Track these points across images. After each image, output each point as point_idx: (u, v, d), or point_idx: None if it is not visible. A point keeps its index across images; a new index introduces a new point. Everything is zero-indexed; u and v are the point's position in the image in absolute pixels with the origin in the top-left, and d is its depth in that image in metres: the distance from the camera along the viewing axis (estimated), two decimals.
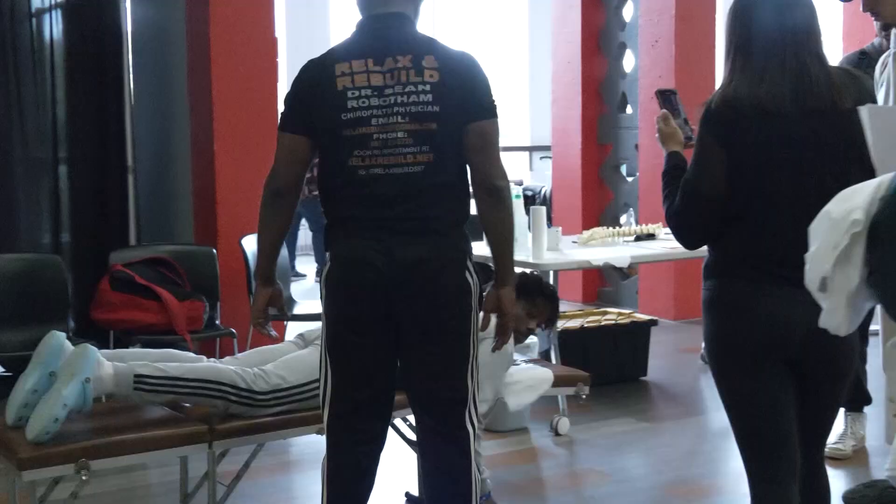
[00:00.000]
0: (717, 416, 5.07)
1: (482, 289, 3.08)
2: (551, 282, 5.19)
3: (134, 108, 6.10)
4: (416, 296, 2.92)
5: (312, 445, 4.50)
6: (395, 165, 2.91)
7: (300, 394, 3.57)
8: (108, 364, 3.38)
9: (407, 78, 2.91)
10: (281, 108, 3.13)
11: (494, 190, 2.99)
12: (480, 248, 3.86)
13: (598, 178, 8.74)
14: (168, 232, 6.47)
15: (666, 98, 3.03)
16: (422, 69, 2.92)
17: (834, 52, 7.94)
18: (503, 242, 3.07)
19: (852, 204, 1.60)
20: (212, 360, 3.78)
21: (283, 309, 3.28)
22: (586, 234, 5.96)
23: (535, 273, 4.77)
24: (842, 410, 3.20)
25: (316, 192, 11.04)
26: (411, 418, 3.50)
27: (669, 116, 2.93)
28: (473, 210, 3.05)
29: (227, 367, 3.55)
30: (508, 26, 13.38)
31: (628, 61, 8.56)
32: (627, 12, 8.54)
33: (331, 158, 2.99)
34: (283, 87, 9.13)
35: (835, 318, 1.66)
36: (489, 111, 2.99)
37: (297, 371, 3.59)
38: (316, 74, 2.98)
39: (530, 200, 10.21)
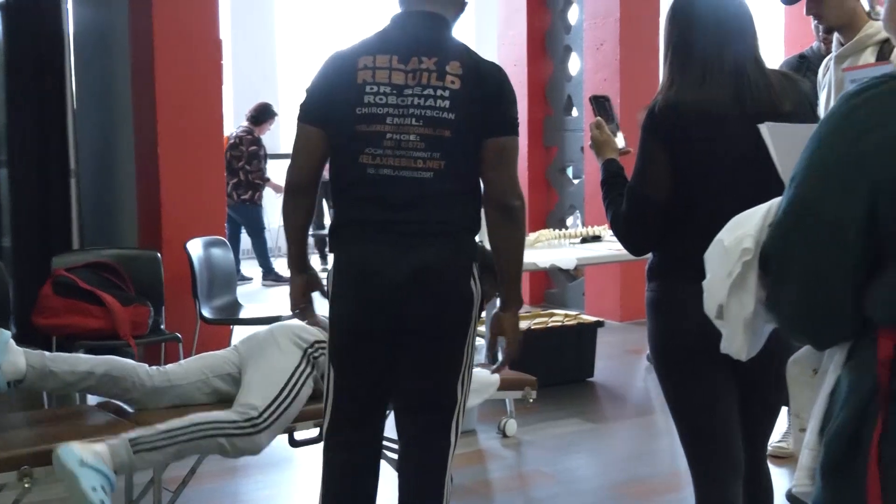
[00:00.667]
0: (663, 417, 5.11)
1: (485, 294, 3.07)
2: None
3: (76, 111, 6.02)
4: (420, 301, 2.87)
5: None
6: (405, 168, 2.85)
7: (285, 399, 3.61)
8: (39, 370, 3.42)
9: (428, 80, 2.85)
10: (227, 110, 3.09)
11: (508, 209, 2.92)
12: None
13: (544, 180, 8.78)
14: (112, 236, 6.39)
15: (600, 104, 2.99)
16: (444, 74, 2.85)
17: (776, 55, 8.06)
18: (512, 264, 3.01)
19: (743, 231, 1.63)
20: (154, 366, 3.77)
21: (324, 292, 3.15)
22: (532, 236, 5.98)
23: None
24: (784, 408, 3.23)
25: (245, 197, 10.86)
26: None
27: (603, 124, 2.92)
28: None
29: (211, 412, 3.54)
30: (455, 28, 13.40)
31: (574, 64, 8.61)
32: (572, 15, 8.58)
33: (342, 155, 2.92)
34: (228, 89, 9.06)
35: (734, 344, 1.69)
36: (511, 128, 2.94)
37: (272, 381, 3.61)
38: (338, 66, 2.92)
39: None
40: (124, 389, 3.69)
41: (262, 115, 9.89)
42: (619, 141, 2.98)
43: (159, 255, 5.64)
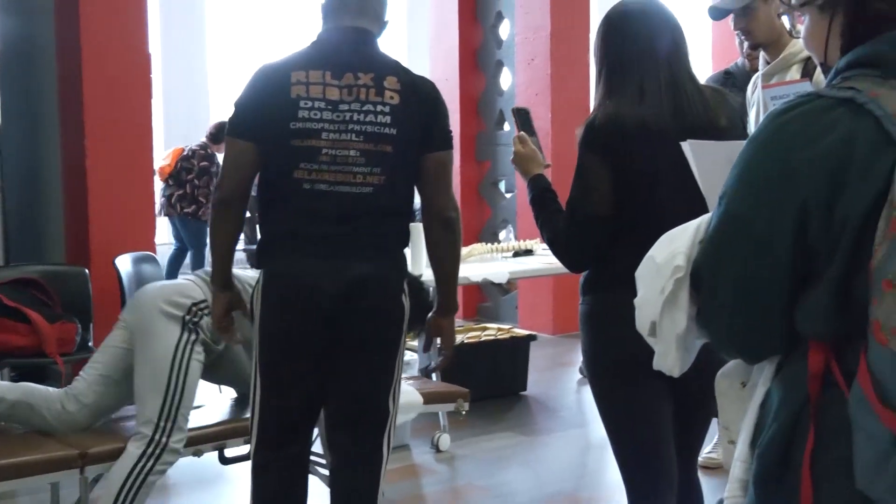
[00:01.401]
0: (596, 429, 5.13)
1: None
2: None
3: (1, 125, 5.92)
4: (356, 316, 2.88)
5: (189, 468, 4.42)
6: (342, 183, 2.85)
7: (174, 391, 3.52)
8: None
9: (366, 96, 2.86)
10: (156, 124, 3.06)
11: (447, 221, 3.00)
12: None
13: (477, 194, 8.81)
14: (38, 252, 6.28)
15: (522, 117, 2.97)
16: (382, 89, 2.87)
17: (704, 70, 8.17)
18: (450, 273, 3.10)
19: (675, 248, 1.65)
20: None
21: (246, 310, 3.14)
22: (465, 250, 5.98)
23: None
24: (714, 419, 3.26)
25: (188, 210, 10.74)
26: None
27: (527, 138, 2.89)
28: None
29: (124, 459, 3.45)
30: (386, 42, 13.41)
31: (505, 79, 8.66)
32: (504, 30, 8.63)
33: (275, 169, 2.90)
34: (157, 103, 8.99)
35: (667, 361, 1.71)
36: (448, 142, 3.00)
37: (156, 377, 3.52)
38: (269, 80, 2.90)
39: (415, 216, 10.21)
40: (41, 418, 3.60)
41: (222, 133, 9.78)
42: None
43: (87, 271, 5.55)
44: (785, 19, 3.63)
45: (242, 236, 6.09)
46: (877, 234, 1.37)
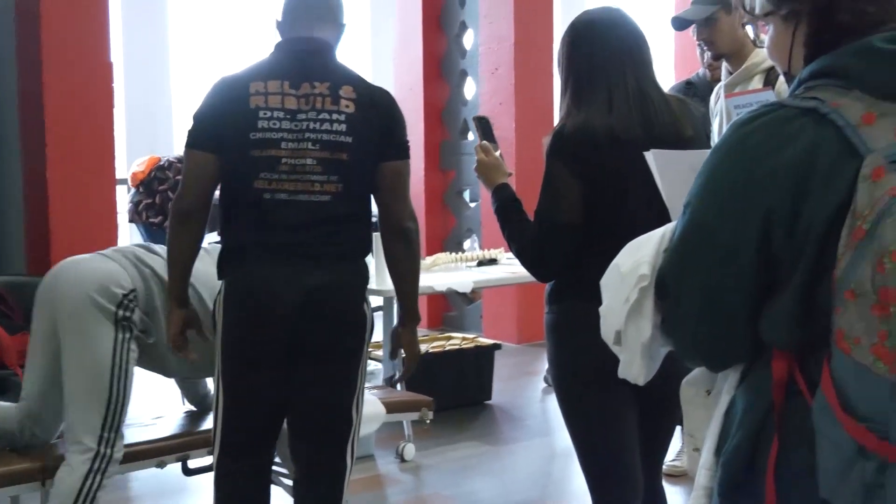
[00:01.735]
0: (561, 438, 5.14)
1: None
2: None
3: None
4: (317, 324, 2.88)
5: (152, 480, 4.38)
6: (301, 192, 2.85)
7: (115, 403, 3.33)
8: None
9: (322, 105, 2.86)
10: (118, 133, 3.04)
11: (405, 231, 3.00)
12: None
13: (441, 203, 8.81)
14: None
15: (484, 126, 2.96)
16: (338, 98, 2.88)
17: (666, 80, 8.22)
18: (410, 283, 3.09)
19: (639, 257, 1.66)
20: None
21: (201, 329, 3.11)
22: (430, 259, 5.98)
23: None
24: (678, 427, 3.29)
25: (154, 221, 10.66)
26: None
27: (489, 147, 2.88)
28: None
29: (70, 475, 3.26)
30: (351, 51, 13.41)
31: (469, 88, 8.67)
32: (468, 40, 8.65)
33: (235, 179, 2.90)
34: (120, 112, 8.90)
35: (632, 370, 1.71)
36: (405, 152, 3.00)
37: (94, 395, 3.30)
38: (228, 91, 2.90)
39: (374, 227, 10.20)
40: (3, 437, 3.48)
41: None
42: None
43: None
44: (749, 29, 3.67)
45: None
46: (840, 243, 1.38)
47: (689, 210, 1.57)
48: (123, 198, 8.43)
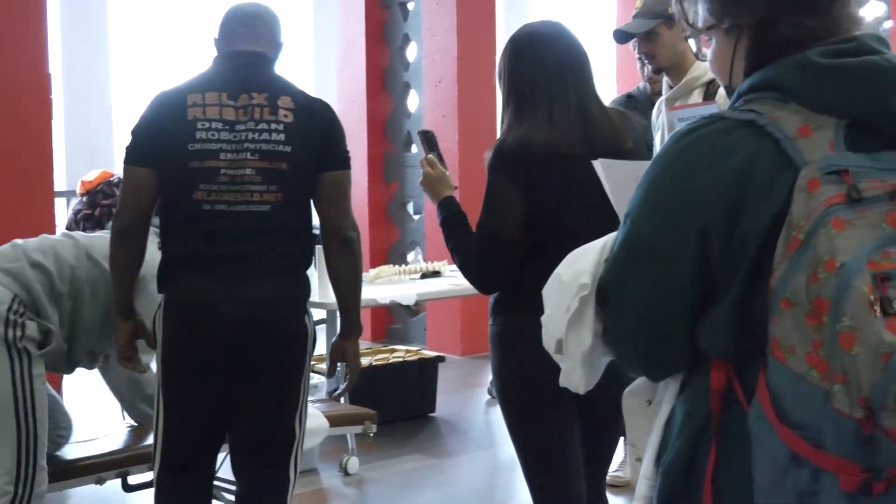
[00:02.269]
0: (505, 450, 5.14)
1: None
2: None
3: None
4: (259, 337, 2.85)
5: (92, 497, 4.32)
6: (240, 203, 2.84)
7: (28, 439, 3.14)
8: None
9: (260, 115, 2.85)
10: (56, 146, 3.01)
11: (346, 241, 2.98)
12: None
13: (385, 216, 8.80)
14: None
15: (429, 139, 2.97)
16: (276, 108, 2.87)
17: (608, 93, 8.29)
18: (352, 294, 3.07)
19: (580, 267, 1.67)
20: None
21: (149, 339, 3.05)
22: (373, 272, 5.97)
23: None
24: (622, 438, 3.31)
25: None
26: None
27: (435, 161, 2.89)
28: None
29: None
30: (294, 64, 13.37)
31: (413, 101, 8.68)
32: (411, 52, 8.66)
33: (175, 191, 2.88)
34: (58, 124, 8.79)
35: (573, 379, 1.72)
36: (345, 161, 2.99)
37: (2, 439, 3.11)
38: (166, 104, 2.89)
39: (318, 239, 10.16)
40: None
41: None
42: None
43: None
44: (691, 42, 3.70)
45: None
46: (776, 253, 1.40)
47: (629, 220, 1.58)
48: (63, 211, 8.31)
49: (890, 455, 1.28)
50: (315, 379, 5.57)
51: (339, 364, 3.18)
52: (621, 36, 3.92)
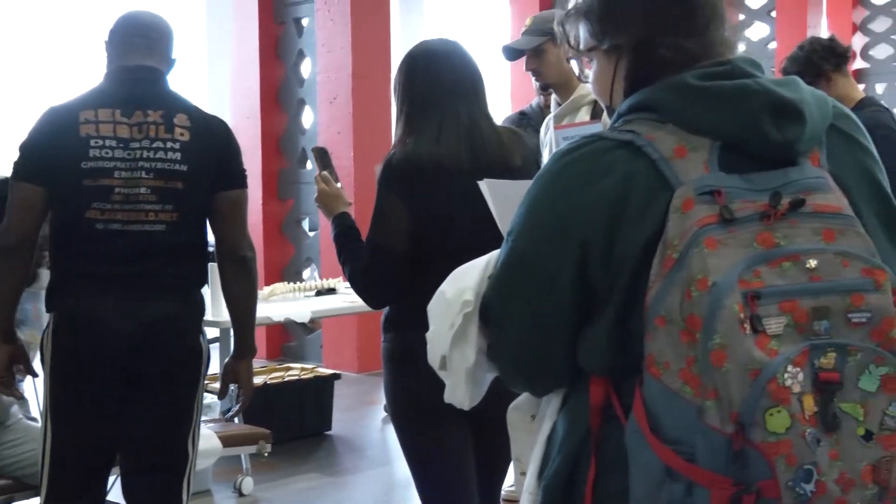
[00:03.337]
0: (401, 467, 5.13)
1: None
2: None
3: None
4: (152, 357, 2.82)
5: None
6: (135, 222, 2.80)
7: None
8: None
9: (156, 133, 2.81)
10: None
11: (242, 260, 2.96)
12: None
13: (280, 232, 8.73)
14: None
15: (322, 156, 2.99)
16: (172, 126, 2.83)
17: (503, 110, 8.38)
18: (246, 314, 3.05)
19: (464, 284, 1.69)
20: None
21: (29, 366, 3.00)
22: (267, 289, 5.93)
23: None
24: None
25: None
26: None
27: (329, 177, 2.90)
28: None
29: None
30: (187, 79, 13.20)
31: (308, 117, 8.64)
32: (306, 69, 8.63)
33: (67, 210, 2.82)
34: None
35: (457, 395, 1.74)
36: (242, 180, 2.98)
37: None
38: (57, 120, 2.83)
39: (211, 256, 10.04)
40: None
41: None
42: None
43: None
44: (574, 64, 3.76)
45: None
46: (651, 272, 1.43)
47: (511, 238, 1.60)
48: None
49: (759, 469, 1.32)
50: (208, 398, 5.49)
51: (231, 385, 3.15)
52: (510, 52, 3.98)
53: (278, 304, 5.72)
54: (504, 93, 10.06)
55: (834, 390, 1.33)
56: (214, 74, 12.19)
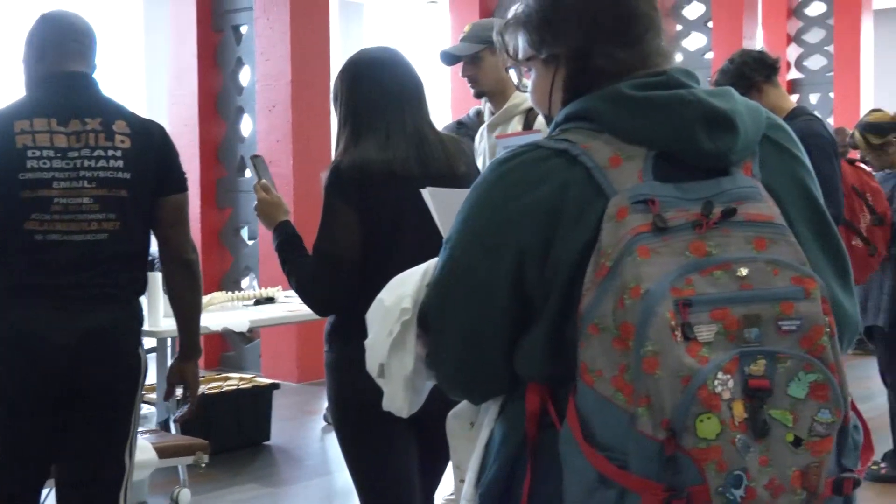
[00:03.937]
0: (341, 477, 5.13)
1: None
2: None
3: None
4: (89, 367, 2.78)
5: None
6: (76, 232, 2.77)
7: None
8: None
9: (96, 142, 2.78)
10: None
11: (187, 263, 2.97)
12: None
13: (218, 242, 8.67)
14: None
15: (260, 164, 2.97)
16: (112, 134, 2.80)
17: (443, 118, 8.40)
18: (192, 316, 3.05)
19: (402, 291, 1.70)
20: None
21: None
22: (206, 299, 5.86)
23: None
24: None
25: None
26: None
27: (269, 186, 2.89)
28: None
29: None
30: (124, 85, 13.07)
31: (246, 125, 8.60)
32: (244, 77, 8.58)
33: (5, 222, 2.78)
34: None
35: (395, 403, 1.75)
36: (182, 184, 2.97)
37: None
38: None
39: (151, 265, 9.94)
40: None
41: None
42: None
43: None
44: (512, 73, 3.79)
45: None
46: (585, 280, 1.44)
47: (449, 246, 1.60)
48: None
49: (690, 475, 1.33)
50: (145, 409, 5.44)
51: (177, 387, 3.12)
52: (447, 57, 3.99)
53: (217, 313, 5.67)
54: (444, 101, 10.09)
55: (764, 397, 1.35)
56: (152, 82, 12.11)
